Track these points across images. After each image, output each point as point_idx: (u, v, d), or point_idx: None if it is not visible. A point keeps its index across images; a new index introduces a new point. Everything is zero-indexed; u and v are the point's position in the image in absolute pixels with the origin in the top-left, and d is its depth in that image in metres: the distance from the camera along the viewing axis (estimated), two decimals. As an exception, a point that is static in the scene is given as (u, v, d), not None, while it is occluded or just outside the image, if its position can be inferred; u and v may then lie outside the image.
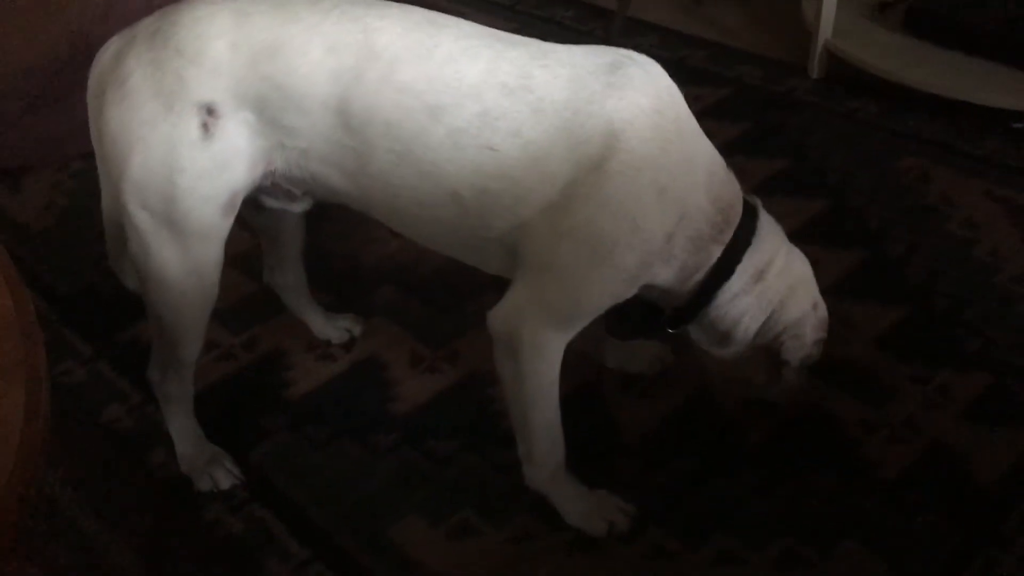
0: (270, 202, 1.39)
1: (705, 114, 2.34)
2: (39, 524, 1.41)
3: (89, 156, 1.34)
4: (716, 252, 1.30)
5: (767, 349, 1.38)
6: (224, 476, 1.49)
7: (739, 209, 1.32)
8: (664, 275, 1.30)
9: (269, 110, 1.23)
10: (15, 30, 2.53)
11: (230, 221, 1.31)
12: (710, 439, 1.55)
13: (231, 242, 1.31)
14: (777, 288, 1.35)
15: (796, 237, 1.41)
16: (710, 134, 1.31)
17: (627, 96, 1.20)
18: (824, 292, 1.42)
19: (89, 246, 2.02)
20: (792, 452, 1.52)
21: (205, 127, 1.22)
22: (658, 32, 2.76)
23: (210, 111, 1.22)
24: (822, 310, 1.42)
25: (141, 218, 1.28)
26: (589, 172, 1.19)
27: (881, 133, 2.26)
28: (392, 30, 1.22)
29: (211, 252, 1.32)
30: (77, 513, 1.46)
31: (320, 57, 1.20)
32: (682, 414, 1.59)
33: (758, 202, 1.38)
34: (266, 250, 1.65)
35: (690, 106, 1.29)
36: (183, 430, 1.51)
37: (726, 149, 1.34)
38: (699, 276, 1.32)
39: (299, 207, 1.41)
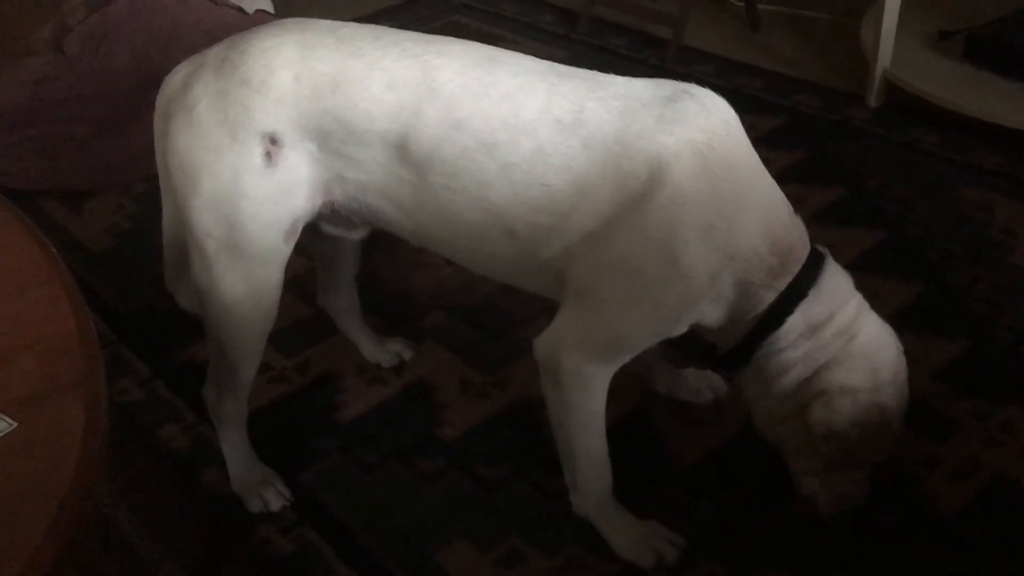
0: (329, 229, 1.40)
1: (760, 142, 2.32)
2: (93, 539, 1.44)
3: (150, 180, 1.37)
4: (769, 298, 1.26)
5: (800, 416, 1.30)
6: (274, 498, 1.50)
7: (800, 256, 1.27)
8: (712, 315, 1.27)
9: (330, 142, 1.25)
10: (82, 56, 2.61)
11: (291, 247, 1.33)
12: (762, 470, 1.52)
13: (287, 266, 1.33)
14: (831, 348, 1.28)
15: (853, 267, 1.38)
16: (765, 162, 1.29)
17: (677, 130, 1.19)
18: (882, 323, 1.39)
19: (148, 268, 2.06)
20: (848, 487, 1.49)
21: (268, 156, 1.24)
22: (713, 61, 2.75)
23: (273, 140, 1.24)
24: (887, 398, 1.29)
25: (205, 243, 1.30)
26: (632, 206, 1.18)
27: (941, 163, 2.22)
28: (451, 67, 1.23)
29: (271, 276, 1.34)
30: (130, 530, 1.49)
31: (380, 93, 1.22)
32: (734, 443, 1.57)
33: (826, 253, 1.32)
34: (321, 274, 1.67)
35: (747, 134, 1.27)
36: (236, 450, 1.52)
37: (781, 177, 1.32)
38: (750, 320, 1.28)
39: (357, 235, 1.43)
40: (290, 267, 1.36)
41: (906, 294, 1.84)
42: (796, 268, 1.26)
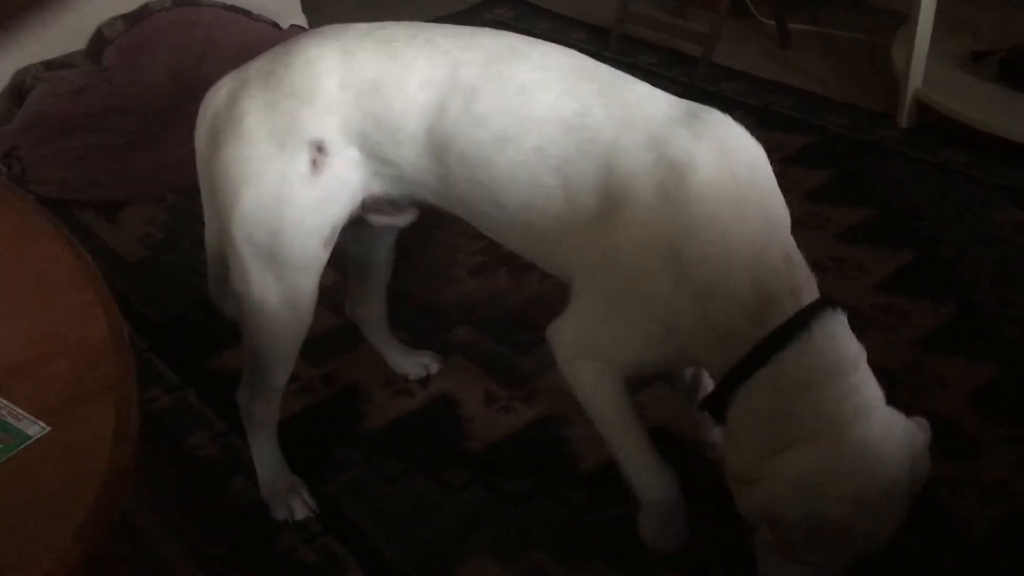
0: (376, 219, 1.41)
1: (790, 161, 2.33)
2: (120, 546, 1.45)
3: (184, 191, 1.39)
4: (745, 347, 1.14)
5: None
6: (300, 507, 1.51)
7: (787, 307, 1.14)
8: (704, 354, 1.21)
9: (369, 143, 1.28)
10: (119, 69, 2.65)
11: (328, 253, 1.35)
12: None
13: (316, 277, 1.34)
14: (806, 426, 1.11)
15: (883, 287, 1.37)
16: (795, 181, 1.28)
17: (666, 151, 1.16)
18: (913, 345, 1.37)
19: (180, 277, 2.09)
20: (875, 509, 1.47)
21: (314, 163, 1.27)
22: (743, 78, 2.75)
23: (320, 148, 1.27)
24: (845, 516, 1.08)
25: (246, 252, 1.33)
26: (607, 220, 1.17)
27: (973, 184, 2.21)
28: (475, 61, 1.24)
29: (308, 283, 1.36)
30: (156, 537, 1.50)
31: (413, 92, 1.24)
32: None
33: (835, 313, 1.16)
34: (351, 283, 1.69)
35: (775, 153, 1.26)
36: (265, 455, 1.53)
37: (811, 196, 1.32)
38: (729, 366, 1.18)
39: (401, 221, 1.44)
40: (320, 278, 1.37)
41: (937, 315, 1.82)
42: (778, 319, 1.14)
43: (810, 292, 1.18)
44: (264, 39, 2.76)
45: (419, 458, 1.61)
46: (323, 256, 1.34)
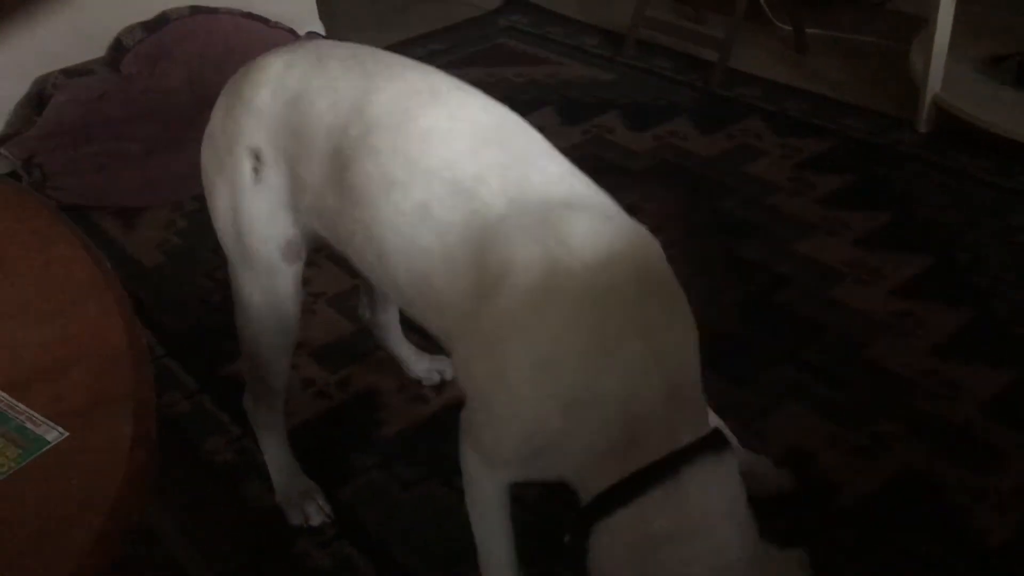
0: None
1: (806, 165, 2.32)
2: (139, 550, 1.46)
3: (201, 197, 1.40)
4: (608, 479, 1.01)
5: None
6: (315, 512, 1.52)
7: (660, 445, 0.99)
8: (570, 475, 1.07)
9: (291, 159, 1.24)
10: (138, 76, 2.67)
11: (294, 265, 1.34)
12: (803, 497, 1.50)
13: (331, 282, 1.34)
14: (664, 572, 0.98)
15: (900, 293, 1.36)
16: (811, 186, 1.28)
17: (552, 244, 1.02)
18: (930, 351, 1.36)
19: (197, 283, 2.10)
20: (891, 514, 1.47)
21: (255, 171, 1.27)
22: (760, 83, 2.74)
23: (257, 156, 1.26)
24: None
25: (227, 252, 1.37)
26: (481, 302, 1.05)
27: (992, 189, 2.19)
28: (390, 92, 1.17)
29: (281, 289, 1.36)
30: (174, 542, 1.51)
31: (323, 111, 1.20)
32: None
33: (708, 458, 1.00)
34: (364, 287, 1.69)
35: (791, 158, 1.24)
36: (277, 460, 1.54)
37: (827, 201, 1.31)
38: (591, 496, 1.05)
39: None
40: (334, 283, 1.38)
41: (954, 321, 1.81)
42: (649, 455, 0.99)
43: (694, 430, 1.01)
44: (281, 46, 2.78)
45: (434, 464, 1.62)
46: (286, 267, 1.33)
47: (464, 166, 1.10)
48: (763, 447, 1.58)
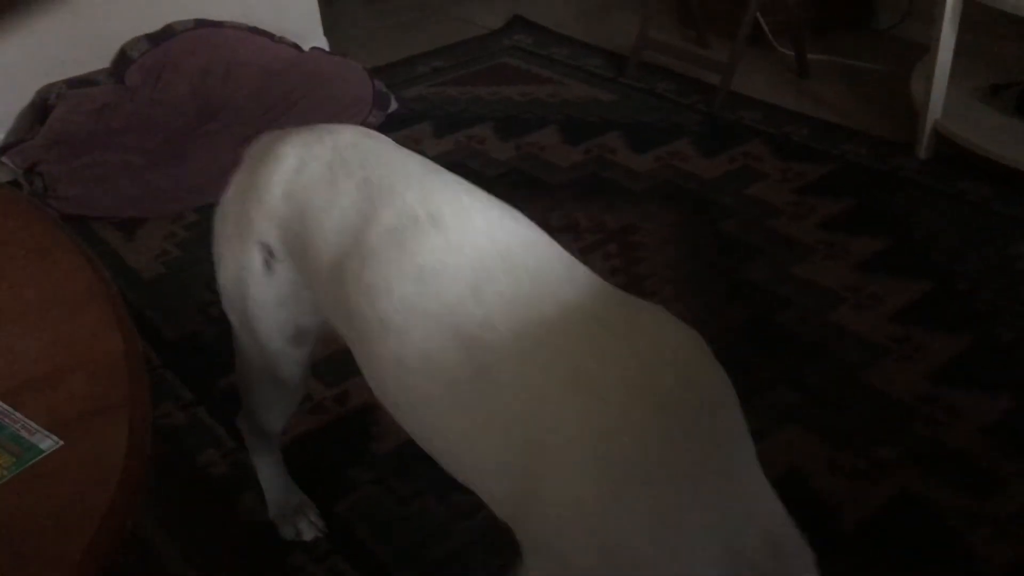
0: None
1: (807, 190, 2.33)
2: (132, 561, 1.45)
3: (203, 210, 1.40)
4: None
5: None
6: (307, 528, 1.51)
7: None
8: None
9: (302, 266, 1.17)
10: (142, 88, 2.68)
11: (304, 350, 1.29)
12: (800, 521, 1.49)
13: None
14: None
15: (899, 318, 1.36)
16: (812, 210, 1.27)
17: (579, 406, 0.88)
18: (928, 376, 1.36)
19: (196, 295, 2.10)
20: (889, 539, 1.46)
21: (267, 264, 1.20)
22: (762, 107, 2.75)
23: (270, 251, 1.19)
24: None
25: (230, 318, 1.31)
26: (523, 501, 0.92)
27: (991, 216, 2.20)
28: (387, 219, 1.05)
29: (288, 369, 1.30)
30: (167, 554, 1.50)
31: (327, 232, 1.10)
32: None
33: None
34: None
35: (792, 181, 1.21)
36: (271, 478, 1.53)
37: (827, 225, 1.31)
38: None
39: None
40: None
41: (953, 347, 1.81)
42: None
43: None
44: (287, 60, 2.80)
45: (430, 480, 1.61)
46: (295, 352, 1.28)
47: (467, 309, 0.96)
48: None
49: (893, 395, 1.72)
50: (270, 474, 1.53)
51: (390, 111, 2.79)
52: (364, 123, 2.68)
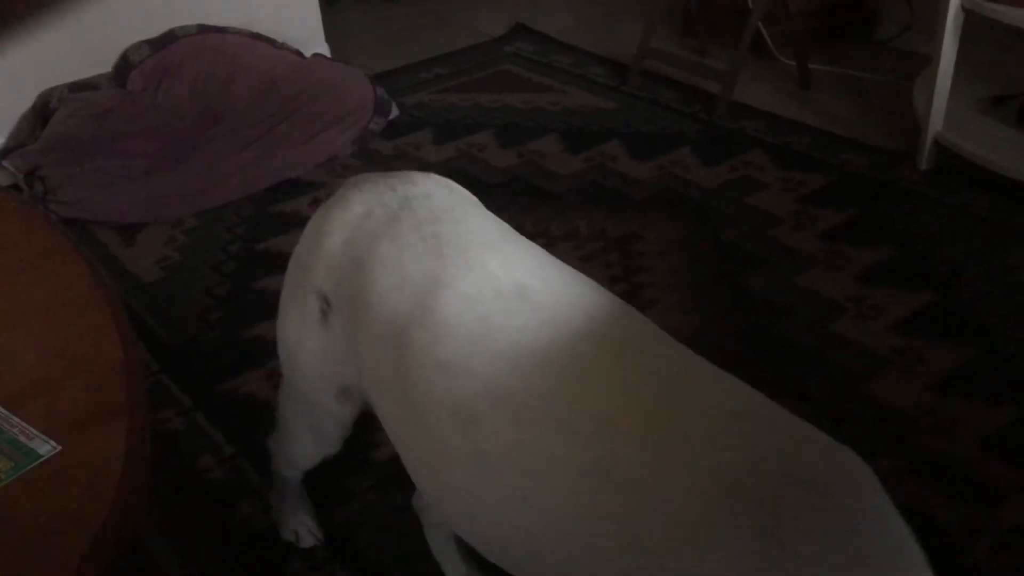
0: None
1: (808, 200, 2.33)
2: (130, 567, 1.44)
3: (203, 215, 1.39)
4: None
5: None
6: (306, 535, 1.50)
7: None
8: None
9: (352, 323, 1.06)
10: (143, 93, 2.68)
11: (348, 410, 1.21)
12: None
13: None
14: None
15: (900, 328, 1.36)
16: (812, 220, 1.27)
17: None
18: (929, 388, 1.36)
19: (196, 300, 2.10)
20: (889, 553, 1.45)
21: (323, 313, 1.12)
22: (763, 117, 2.75)
23: (326, 300, 1.11)
24: None
25: (283, 366, 1.25)
26: None
27: (993, 228, 2.20)
28: (464, 288, 0.93)
29: (331, 427, 1.26)
30: (165, 559, 1.49)
31: (385, 291, 0.99)
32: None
33: None
34: None
35: (793, 191, 1.18)
36: (285, 500, 1.51)
37: (828, 236, 1.31)
38: None
39: None
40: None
41: (954, 357, 1.81)
42: None
43: None
44: (289, 66, 2.80)
45: (429, 488, 1.60)
46: (339, 410, 1.20)
47: (566, 400, 0.83)
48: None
49: (894, 405, 1.71)
50: (287, 491, 1.50)
51: (391, 118, 2.79)
52: (365, 130, 2.68)
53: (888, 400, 1.73)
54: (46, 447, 0.87)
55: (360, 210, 1.09)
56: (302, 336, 1.16)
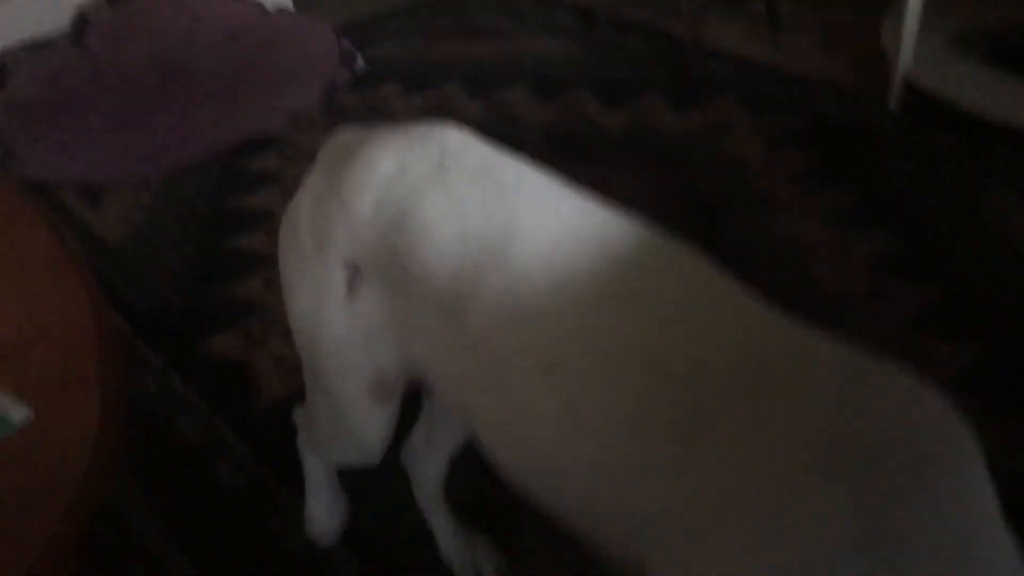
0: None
1: (778, 143, 2.33)
2: (107, 531, 1.44)
3: (169, 175, 1.37)
4: None
5: None
6: (331, 540, 1.42)
7: None
8: None
9: (395, 289, 0.97)
10: (101, 50, 2.62)
11: (385, 411, 1.08)
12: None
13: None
14: None
15: (870, 270, 1.36)
16: (782, 163, 1.25)
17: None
18: (900, 328, 1.37)
19: (165, 262, 2.07)
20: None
21: (351, 286, 1.01)
22: (733, 61, 2.74)
23: (356, 269, 1.00)
24: None
25: (302, 356, 1.12)
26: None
27: (963, 168, 2.21)
28: (543, 230, 0.90)
29: (367, 433, 1.11)
30: (143, 523, 1.49)
31: (443, 241, 0.93)
32: None
33: None
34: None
35: (763, 134, 1.13)
36: (319, 491, 1.40)
37: (797, 179, 1.29)
38: None
39: None
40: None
41: (921, 297, 1.83)
42: None
43: None
44: (251, 21, 2.74)
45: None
46: (373, 410, 1.07)
47: (674, 347, 0.81)
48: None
49: (865, 347, 1.73)
50: (317, 478, 1.39)
51: (357, 70, 2.75)
52: (331, 83, 2.64)
53: (858, 341, 1.74)
54: (20, 414, 0.86)
55: (390, 168, 0.99)
56: (326, 316, 1.03)
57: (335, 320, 1.02)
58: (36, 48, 2.58)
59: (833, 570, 0.69)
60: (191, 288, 2.00)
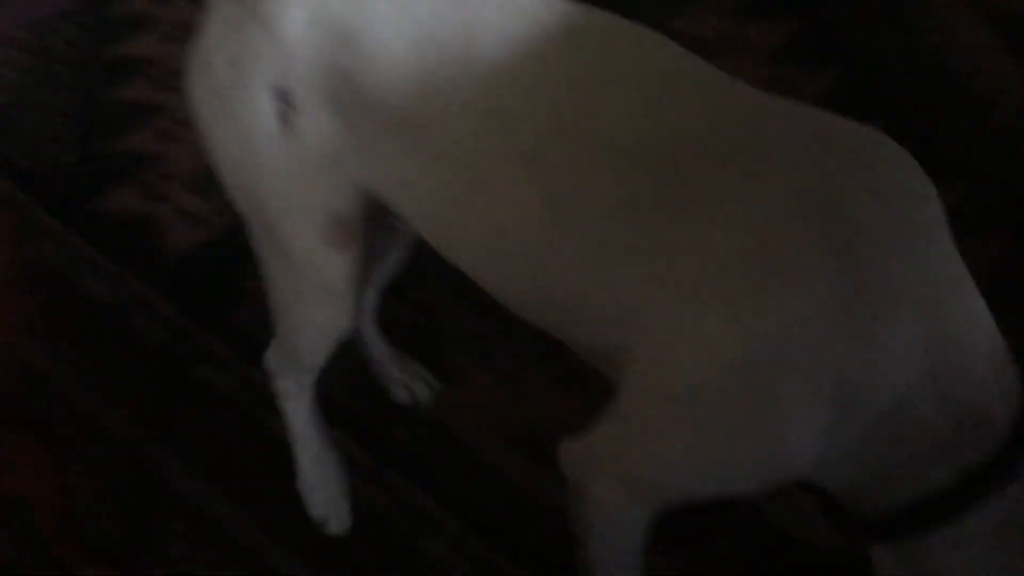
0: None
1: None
2: (34, 396, 1.42)
3: (35, 26, 1.25)
4: (936, 475, 0.79)
5: None
6: (337, 523, 1.27)
7: (1002, 419, 0.77)
8: (832, 477, 0.84)
9: (348, 115, 0.90)
10: None
11: (344, 256, 0.99)
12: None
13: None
14: None
15: (773, 59, 1.33)
16: (719, 3, 1.06)
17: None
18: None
19: (48, 121, 1.96)
20: None
21: (284, 118, 0.92)
22: None
23: (287, 100, 0.91)
24: None
25: (241, 209, 1.02)
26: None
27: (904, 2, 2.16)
28: (504, 26, 0.85)
29: (331, 287, 1.02)
30: (73, 387, 1.47)
31: (397, 53, 0.86)
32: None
33: None
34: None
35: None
36: (307, 444, 1.26)
37: (736, 16, 1.14)
38: (903, 492, 0.81)
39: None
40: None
41: (825, 82, 1.84)
42: (989, 443, 0.78)
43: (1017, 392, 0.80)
44: None
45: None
46: (331, 254, 0.98)
47: (634, 130, 0.81)
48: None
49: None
50: (305, 432, 1.26)
51: None
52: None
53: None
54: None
55: None
56: (259, 157, 0.94)
57: (270, 160, 0.93)
58: None
59: (812, 334, 0.73)
60: (79, 146, 1.90)
